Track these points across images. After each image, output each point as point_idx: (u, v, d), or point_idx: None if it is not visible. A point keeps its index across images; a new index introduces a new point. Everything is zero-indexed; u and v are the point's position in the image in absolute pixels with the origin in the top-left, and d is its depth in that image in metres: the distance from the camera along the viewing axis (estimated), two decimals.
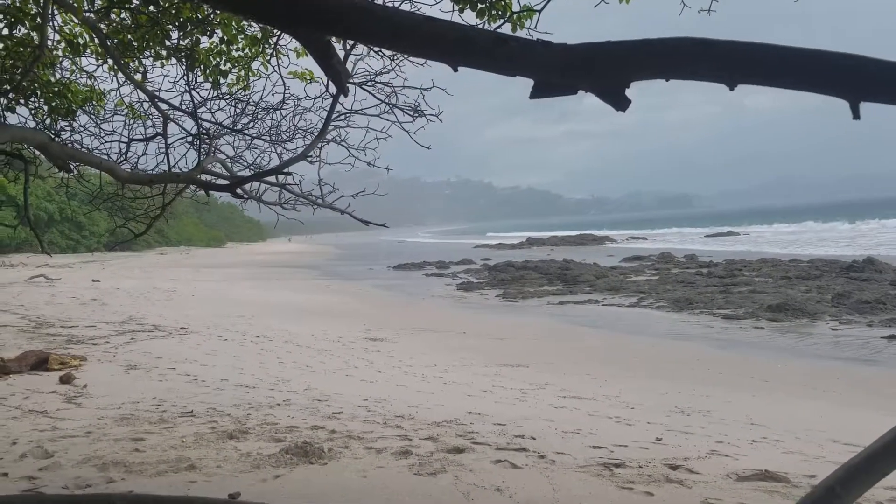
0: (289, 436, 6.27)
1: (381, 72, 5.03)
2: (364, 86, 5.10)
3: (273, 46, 5.27)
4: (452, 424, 7.07)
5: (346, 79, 2.47)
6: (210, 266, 45.71)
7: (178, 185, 5.64)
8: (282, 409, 7.56)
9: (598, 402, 9.19)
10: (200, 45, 5.35)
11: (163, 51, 5.37)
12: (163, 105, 5.66)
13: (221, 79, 5.55)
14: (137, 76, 5.65)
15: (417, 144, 5.23)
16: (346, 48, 4.59)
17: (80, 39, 5.60)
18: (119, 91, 5.96)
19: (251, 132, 5.95)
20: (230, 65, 5.52)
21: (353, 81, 5.02)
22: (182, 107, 5.55)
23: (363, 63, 5.02)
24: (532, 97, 1.85)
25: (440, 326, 17.59)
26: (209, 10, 5.03)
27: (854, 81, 1.74)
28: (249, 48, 5.43)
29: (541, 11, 3.85)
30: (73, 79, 5.94)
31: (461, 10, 4.44)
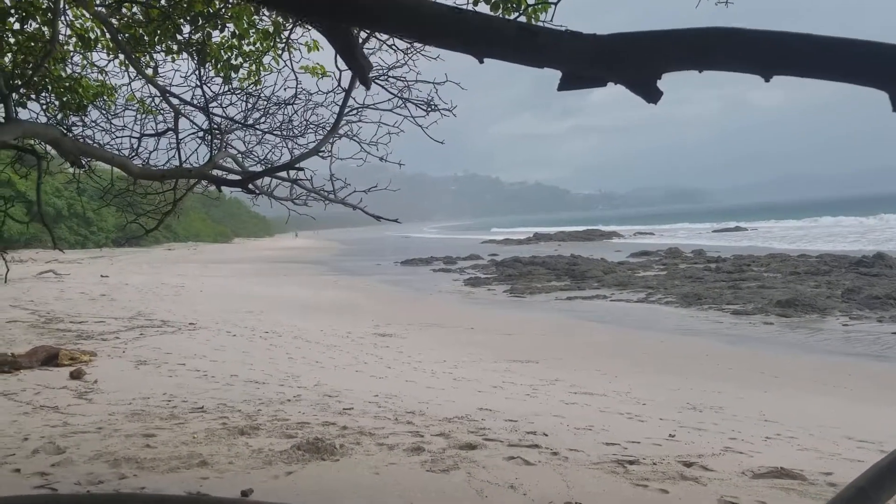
0: (300, 432, 6.25)
1: (395, 66, 4.98)
2: (377, 80, 5.06)
3: (285, 41, 5.23)
4: (463, 420, 7.03)
5: (370, 72, 2.43)
6: (218, 262, 45.84)
7: (190, 181, 5.61)
8: (292, 405, 7.54)
9: (609, 398, 9.14)
10: (212, 40, 5.32)
11: (174, 45, 5.34)
12: (174, 100, 5.64)
13: (233, 73, 5.53)
14: (149, 71, 5.63)
15: (429, 139, 5.17)
16: (359, 41, 4.54)
17: (92, 34, 5.57)
18: (130, 86, 5.95)
19: (262, 127, 5.92)
20: (241, 59, 5.49)
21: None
22: (193, 101, 5.53)
23: (376, 57, 4.96)
24: (560, 89, 1.81)
25: (448, 322, 17.57)
26: (220, 4, 5.00)
27: None
28: (261, 42, 5.39)
29: (556, 4, 3.79)
30: (84, 74, 5.92)
31: (475, 3, 4.38)
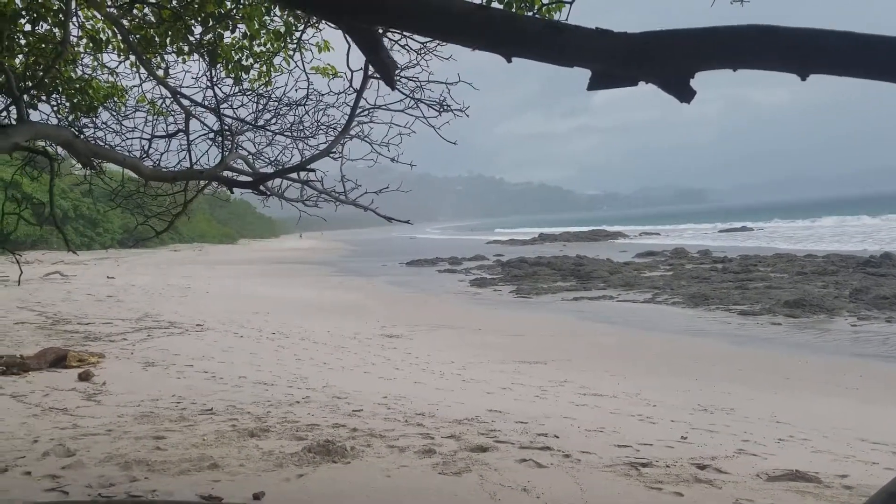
0: (310, 434, 6.23)
1: (407, 66, 4.95)
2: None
3: (297, 41, 5.21)
4: (474, 422, 7.01)
5: (395, 70, 2.40)
6: (224, 263, 45.87)
7: (201, 183, 5.60)
8: (301, 407, 7.52)
9: (620, 400, 9.10)
10: (223, 41, 5.30)
11: (185, 46, 5.32)
12: (185, 101, 5.62)
13: (243, 74, 5.51)
14: (159, 72, 5.61)
15: (435, 139, 5.13)
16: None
17: (103, 35, 5.56)
18: (141, 87, 5.94)
19: (273, 128, 5.90)
20: (252, 60, 5.47)
21: (376, 76, 4.94)
22: (204, 103, 5.51)
23: None
24: (590, 89, 1.77)
25: (455, 323, 17.54)
26: (232, 5, 4.98)
27: None
28: (272, 43, 5.37)
29: (571, 3, 3.75)
30: (95, 75, 5.91)
31: (488, 2, 4.34)
